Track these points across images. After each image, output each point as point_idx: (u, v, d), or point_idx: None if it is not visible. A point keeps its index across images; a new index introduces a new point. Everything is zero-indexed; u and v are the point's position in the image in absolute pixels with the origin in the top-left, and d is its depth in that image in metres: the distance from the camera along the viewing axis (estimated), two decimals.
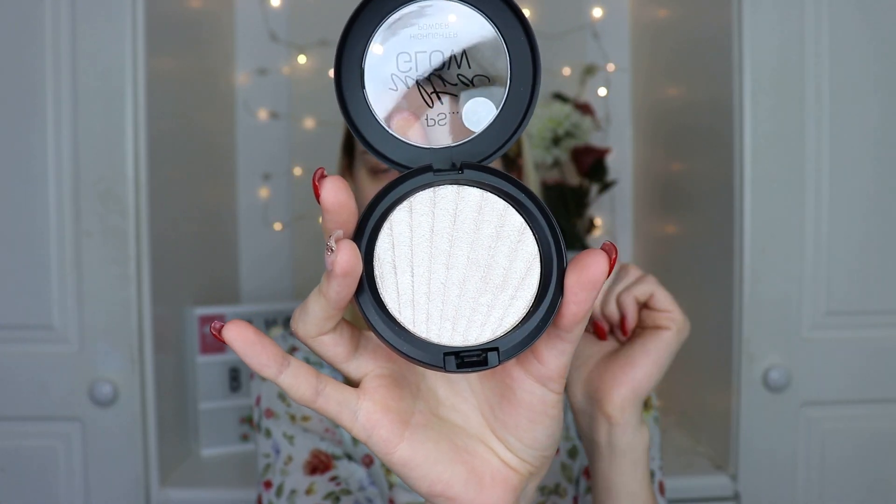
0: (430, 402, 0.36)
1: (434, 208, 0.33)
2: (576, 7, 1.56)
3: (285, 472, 0.72)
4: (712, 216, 1.21)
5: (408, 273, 0.32)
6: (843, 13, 1.09)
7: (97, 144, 1.07)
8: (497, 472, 0.35)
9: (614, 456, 0.53)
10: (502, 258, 0.33)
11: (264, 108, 1.54)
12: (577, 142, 1.39)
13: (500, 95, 0.35)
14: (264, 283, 1.56)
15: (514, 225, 0.33)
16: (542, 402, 0.34)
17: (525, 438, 0.35)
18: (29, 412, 1.10)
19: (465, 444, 0.35)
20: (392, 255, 0.32)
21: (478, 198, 0.33)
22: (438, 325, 0.32)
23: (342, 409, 0.33)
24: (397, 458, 0.34)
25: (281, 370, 0.32)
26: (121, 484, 1.10)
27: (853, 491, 1.13)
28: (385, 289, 0.32)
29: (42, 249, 1.08)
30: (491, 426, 0.36)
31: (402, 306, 0.32)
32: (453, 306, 0.32)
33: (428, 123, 0.35)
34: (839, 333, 1.12)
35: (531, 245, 0.33)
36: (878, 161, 1.11)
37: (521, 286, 0.32)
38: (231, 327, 0.31)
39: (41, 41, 1.06)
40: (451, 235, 0.33)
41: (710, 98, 1.21)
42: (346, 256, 0.29)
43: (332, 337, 0.33)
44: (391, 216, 0.33)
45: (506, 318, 0.32)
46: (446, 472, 0.34)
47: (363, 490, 0.72)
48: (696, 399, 1.29)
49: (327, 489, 0.69)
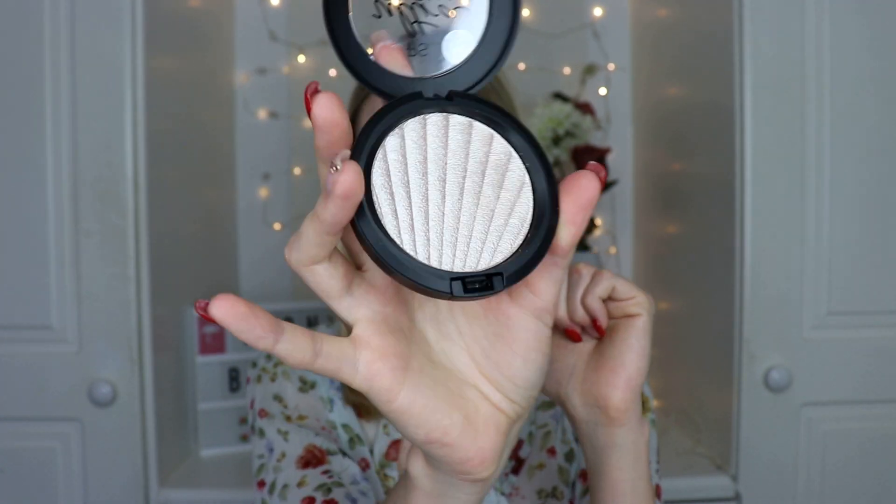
0: (422, 345, 0.35)
1: (426, 136, 0.33)
2: (576, 6, 1.55)
3: (278, 468, 0.71)
4: (713, 216, 1.20)
5: (405, 199, 0.31)
6: (844, 13, 1.09)
7: (96, 144, 1.07)
8: (489, 415, 0.35)
9: (619, 455, 0.54)
10: (494, 184, 0.32)
11: (264, 107, 1.54)
12: (577, 141, 1.39)
13: (480, 27, 0.35)
14: (264, 283, 1.56)
15: (503, 151, 0.33)
16: (537, 337, 0.34)
17: (517, 378, 0.35)
18: (28, 412, 1.10)
19: (458, 389, 0.35)
20: (388, 181, 0.31)
21: (466, 125, 0.33)
22: (439, 250, 0.31)
23: (342, 363, 0.32)
24: (396, 406, 0.33)
25: (277, 339, 0.30)
26: (120, 484, 1.10)
27: (854, 491, 1.13)
28: (384, 215, 0.31)
29: (41, 249, 1.08)
30: (481, 368, 0.35)
31: (402, 232, 0.31)
32: (451, 232, 0.31)
33: (410, 53, 0.34)
34: (840, 334, 1.12)
35: (520, 170, 0.33)
36: (878, 161, 1.11)
37: (513, 211, 0.32)
38: (219, 303, 0.29)
39: (40, 40, 1.06)
40: (444, 162, 0.32)
41: (710, 98, 1.21)
42: (349, 177, 0.28)
43: (326, 267, 0.32)
44: (384, 142, 0.32)
45: (502, 243, 0.32)
46: (444, 419, 0.33)
47: (356, 484, 0.71)
48: (696, 399, 1.28)
49: (319, 481, 0.68)
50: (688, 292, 1.33)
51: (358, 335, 0.33)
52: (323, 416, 0.77)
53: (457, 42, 0.35)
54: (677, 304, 1.37)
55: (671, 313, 1.40)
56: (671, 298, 1.40)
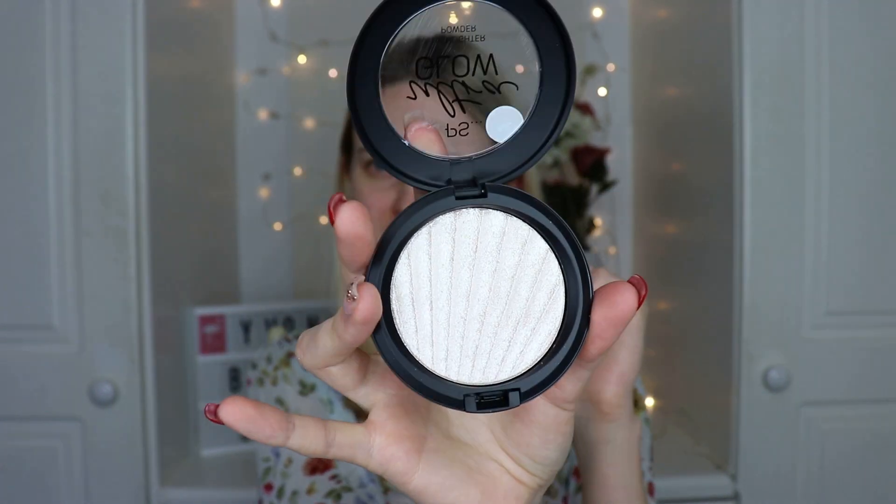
0: (441, 423, 0.36)
1: (455, 234, 0.31)
2: (576, 7, 1.55)
3: (286, 474, 0.72)
4: (712, 216, 1.21)
5: (426, 307, 0.31)
6: (843, 13, 1.09)
7: (97, 144, 1.07)
8: (509, 489, 0.35)
9: (611, 450, 0.55)
10: (524, 289, 0.31)
11: (264, 108, 1.54)
12: (577, 142, 1.39)
13: (529, 105, 0.32)
14: (264, 283, 1.56)
15: (539, 253, 0.31)
16: (556, 421, 0.34)
17: (537, 456, 0.35)
18: (29, 412, 1.10)
19: (477, 465, 0.35)
20: (410, 289, 0.31)
21: (501, 223, 0.31)
22: (458, 362, 0.31)
23: (355, 451, 0.33)
24: (413, 487, 0.34)
25: (288, 435, 0.31)
26: (121, 484, 1.10)
27: (853, 491, 1.13)
28: (403, 324, 0.31)
29: (42, 249, 1.08)
30: (502, 444, 0.36)
31: (420, 343, 0.31)
32: (473, 342, 0.31)
33: (448, 133, 0.32)
34: (839, 333, 1.12)
35: (555, 275, 0.31)
36: (878, 161, 1.11)
37: (542, 318, 0.31)
38: (228, 409, 0.30)
39: (41, 41, 1.06)
40: (472, 264, 0.31)
41: (710, 98, 1.21)
42: (367, 305, 0.28)
43: (341, 368, 0.32)
44: (409, 244, 0.31)
45: (526, 352, 0.31)
46: (462, 496, 0.34)
47: (364, 487, 0.72)
48: (695, 399, 1.29)
49: (328, 487, 0.69)
50: (687, 292, 1.33)
51: (372, 420, 0.34)
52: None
53: (502, 120, 0.32)
54: (677, 303, 1.37)
55: (671, 313, 1.40)
56: (671, 298, 1.40)
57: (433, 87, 0.32)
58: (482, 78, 0.32)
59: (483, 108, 0.32)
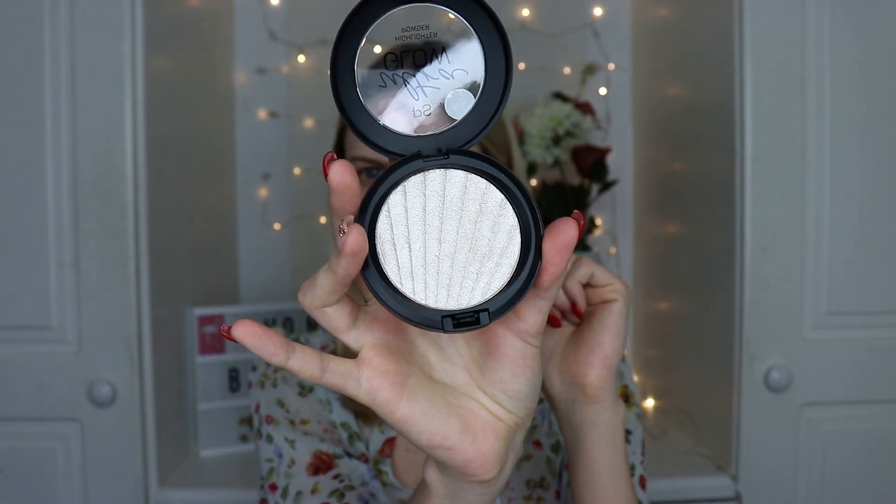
0: (423, 366, 0.40)
1: (425, 190, 0.37)
2: (576, 6, 1.55)
3: (289, 474, 0.73)
4: (713, 216, 1.20)
5: (405, 248, 0.37)
6: (844, 13, 1.09)
7: (96, 144, 1.07)
8: (487, 422, 0.39)
9: (596, 434, 0.57)
10: (486, 231, 0.37)
11: (264, 107, 1.54)
12: (577, 141, 1.39)
13: (478, 86, 0.39)
14: (264, 283, 1.56)
15: (496, 201, 0.37)
16: (523, 354, 0.39)
17: (509, 389, 0.39)
18: (28, 413, 1.09)
19: (457, 401, 0.40)
20: (391, 234, 0.37)
21: (462, 178, 0.38)
22: (435, 292, 0.36)
23: (346, 379, 0.38)
24: (398, 416, 0.38)
25: (289, 355, 0.36)
26: (120, 485, 1.10)
27: (854, 492, 1.13)
28: (387, 263, 0.37)
29: (41, 249, 1.08)
30: (478, 383, 0.40)
31: (402, 278, 0.36)
32: (447, 275, 0.37)
33: (415, 115, 0.39)
34: (840, 334, 1.12)
35: (511, 217, 0.37)
36: (879, 160, 1.11)
37: (504, 254, 0.37)
38: (239, 326, 0.36)
39: (40, 40, 1.06)
40: (441, 213, 0.37)
41: (710, 97, 1.21)
42: (355, 237, 0.33)
43: (335, 309, 0.37)
44: (388, 199, 0.37)
45: (492, 282, 0.37)
46: (443, 425, 0.38)
47: (366, 485, 0.74)
48: (696, 399, 1.28)
49: (332, 487, 0.71)
50: (688, 292, 1.33)
51: (361, 356, 0.38)
52: (324, 418, 0.79)
53: (457, 101, 0.39)
54: (677, 304, 1.37)
55: (671, 313, 1.40)
56: (671, 298, 1.40)
57: (399, 76, 0.38)
58: (438, 67, 0.39)
59: (441, 92, 0.39)
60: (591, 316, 0.59)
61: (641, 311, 1.54)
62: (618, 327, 0.57)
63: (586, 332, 0.58)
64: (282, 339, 0.36)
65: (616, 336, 0.57)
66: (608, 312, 0.57)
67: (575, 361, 0.57)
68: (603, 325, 0.57)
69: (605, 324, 0.57)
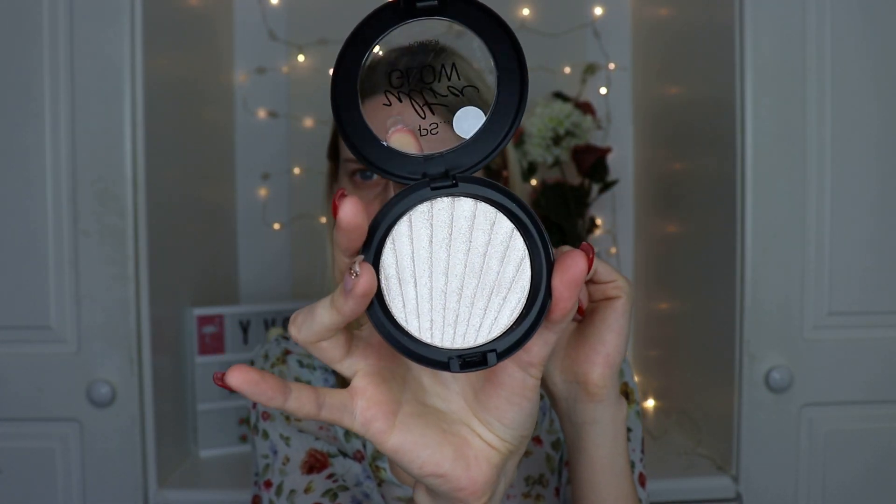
0: (416, 391, 0.40)
1: (432, 220, 0.36)
2: (576, 6, 1.55)
3: (284, 472, 0.73)
4: (714, 215, 1.20)
5: (411, 284, 0.35)
6: (844, 12, 1.08)
7: (95, 143, 1.07)
8: (480, 450, 0.39)
9: (598, 432, 0.57)
10: (495, 263, 0.36)
11: (263, 107, 1.53)
12: (577, 141, 1.39)
13: (489, 104, 0.37)
14: (263, 283, 1.55)
15: (505, 231, 0.36)
16: (522, 385, 0.38)
17: (505, 419, 0.39)
18: (27, 413, 1.09)
19: (450, 428, 0.39)
20: (396, 269, 0.35)
21: (471, 207, 0.36)
22: (441, 330, 0.35)
23: (342, 413, 0.37)
24: (390, 445, 0.37)
25: (286, 397, 0.35)
26: (119, 485, 1.09)
27: (855, 492, 1.13)
28: (392, 300, 0.35)
29: (40, 249, 1.08)
30: (473, 410, 0.39)
31: (408, 316, 0.35)
32: (453, 312, 0.35)
33: (421, 133, 0.37)
34: (841, 334, 1.11)
35: (521, 249, 0.36)
36: (880, 160, 1.11)
37: (512, 288, 0.36)
38: (233, 373, 0.34)
39: (39, 40, 1.06)
40: (448, 245, 0.36)
41: (711, 97, 1.21)
42: (367, 280, 0.33)
43: (330, 342, 0.36)
44: (393, 231, 0.36)
45: (499, 318, 0.35)
46: (435, 454, 0.38)
47: (359, 485, 0.74)
48: (697, 400, 1.28)
49: (325, 486, 0.71)
50: (688, 292, 1.33)
51: (355, 387, 0.38)
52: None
53: (467, 118, 0.37)
54: (678, 304, 1.37)
55: (671, 313, 1.39)
56: (671, 298, 1.40)
57: (405, 94, 0.37)
58: (447, 84, 0.37)
59: (450, 110, 0.37)
60: (593, 313, 0.57)
61: (642, 312, 1.54)
62: (621, 325, 0.56)
63: (588, 329, 0.57)
64: (277, 382, 0.35)
65: (619, 334, 0.56)
66: (611, 310, 0.56)
67: (577, 360, 0.56)
68: (606, 322, 0.56)
69: (607, 322, 0.56)
